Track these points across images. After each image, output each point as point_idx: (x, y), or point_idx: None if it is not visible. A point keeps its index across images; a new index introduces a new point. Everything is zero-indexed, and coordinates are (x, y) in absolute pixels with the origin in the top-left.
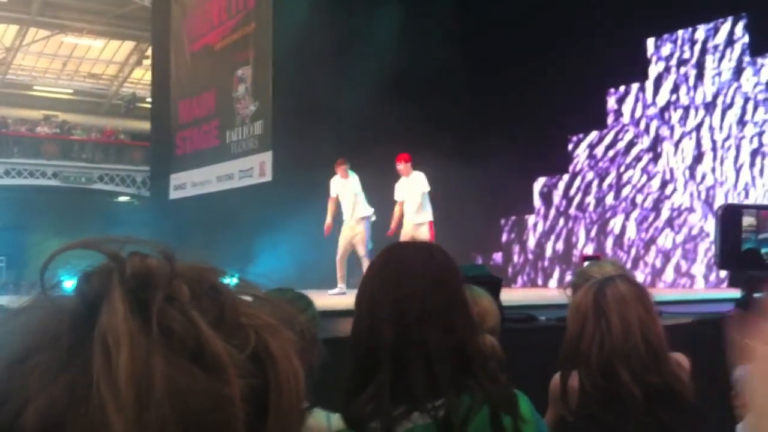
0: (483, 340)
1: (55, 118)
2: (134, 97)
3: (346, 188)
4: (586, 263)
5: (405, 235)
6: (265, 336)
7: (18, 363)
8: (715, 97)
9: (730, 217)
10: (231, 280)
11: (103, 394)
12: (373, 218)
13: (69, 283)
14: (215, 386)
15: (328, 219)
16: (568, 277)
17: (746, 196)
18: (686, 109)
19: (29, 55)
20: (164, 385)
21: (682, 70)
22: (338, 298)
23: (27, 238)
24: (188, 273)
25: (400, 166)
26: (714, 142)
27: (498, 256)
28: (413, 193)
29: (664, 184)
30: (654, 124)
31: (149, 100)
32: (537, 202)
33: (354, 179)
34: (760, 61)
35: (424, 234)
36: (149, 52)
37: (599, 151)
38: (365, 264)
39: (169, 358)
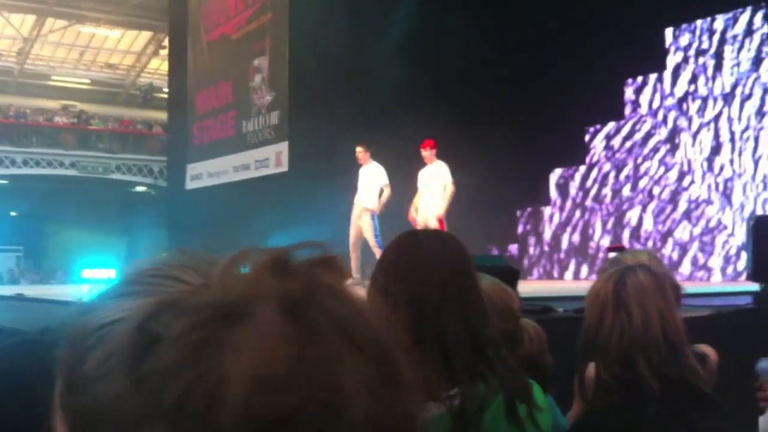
0: (522, 323)
1: (73, 108)
2: (151, 87)
3: (364, 174)
4: (611, 254)
5: (420, 226)
6: None
7: None
8: (734, 87)
9: (761, 228)
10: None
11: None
12: (377, 212)
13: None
14: None
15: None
16: (584, 268)
17: (765, 188)
18: (704, 99)
19: (47, 45)
20: None
21: (701, 60)
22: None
23: (44, 227)
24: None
25: (425, 153)
26: (732, 133)
27: (514, 248)
28: (433, 182)
29: (681, 176)
30: (672, 115)
31: (166, 90)
32: (553, 193)
33: (371, 169)
34: None
35: (434, 226)
36: (166, 42)
37: (616, 142)
38: (378, 254)
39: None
